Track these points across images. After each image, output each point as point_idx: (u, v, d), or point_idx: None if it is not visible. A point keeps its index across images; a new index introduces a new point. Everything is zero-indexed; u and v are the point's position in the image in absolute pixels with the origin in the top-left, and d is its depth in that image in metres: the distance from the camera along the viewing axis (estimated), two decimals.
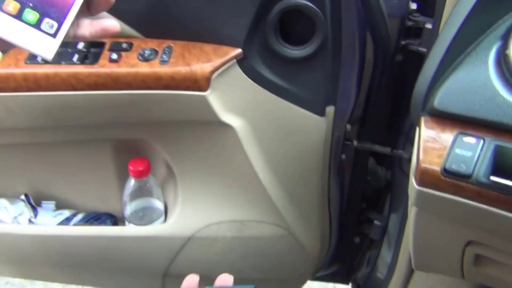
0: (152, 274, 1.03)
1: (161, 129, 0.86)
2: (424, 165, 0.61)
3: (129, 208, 0.98)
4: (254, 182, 0.90)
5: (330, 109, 0.86)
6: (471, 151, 0.58)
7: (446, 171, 0.59)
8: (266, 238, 0.95)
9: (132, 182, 0.95)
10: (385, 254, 1.11)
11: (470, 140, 0.59)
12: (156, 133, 0.87)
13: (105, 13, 0.47)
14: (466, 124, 0.61)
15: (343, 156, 0.96)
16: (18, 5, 0.43)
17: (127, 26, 0.79)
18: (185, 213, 0.96)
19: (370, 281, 1.15)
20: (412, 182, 0.65)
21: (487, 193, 0.57)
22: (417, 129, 0.65)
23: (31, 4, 0.43)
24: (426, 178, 0.61)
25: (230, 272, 1.00)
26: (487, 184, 0.57)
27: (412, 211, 0.71)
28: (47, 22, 0.44)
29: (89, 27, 0.46)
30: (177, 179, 0.95)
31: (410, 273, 1.01)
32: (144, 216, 0.99)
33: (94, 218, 1.03)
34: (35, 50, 0.44)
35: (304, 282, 1.10)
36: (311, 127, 0.86)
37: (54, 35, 0.44)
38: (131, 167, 0.92)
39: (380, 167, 1.10)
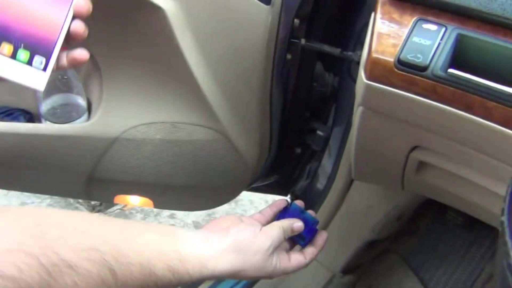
0: (74, 177, 0.94)
1: None
2: (376, 55, 0.54)
3: (45, 104, 0.87)
4: (188, 78, 0.80)
5: None
6: (431, 40, 0.51)
7: (400, 62, 0.52)
8: (200, 142, 0.87)
9: None
10: (326, 165, 1.07)
11: (430, 27, 0.52)
12: None
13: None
14: (428, 9, 0.53)
15: (289, 56, 0.87)
16: (12, 47, 0.49)
17: None
18: (110, 112, 0.85)
19: (309, 192, 1.12)
20: (361, 76, 0.57)
21: (442, 89, 0.51)
22: (373, 14, 0.57)
23: (22, 45, 0.50)
24: (377, 70, 0.54)
25: (159, 177, 0.94)
26: (443, 78, 0.50)
27: (357, 113, 0.65)
28: (37, 59, 0.50)
29: (66, 58, 0.53)
30: (100, 72, 0.83)
31: (349, 183, 0.98)
32: (63, 114, 0.88)
33: (5, 113, 0.91)
34: (28, 84, 0.50)
35: (239, 191, 1.05)
36: (254, 16, 0.75)
37: (44, 69, 0.51)
38: None
39: (328, 74, 1.03)
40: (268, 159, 1.02)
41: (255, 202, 1.72)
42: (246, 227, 0.64)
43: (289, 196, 1.22)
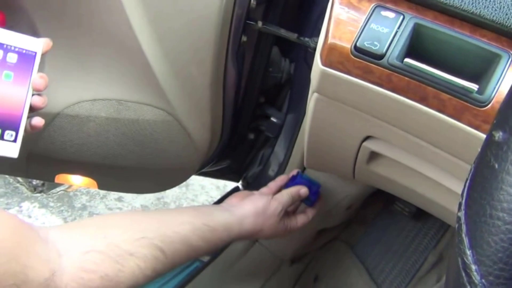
0: None
1: None
2: (333, 40, 0.52)
3: None
4: (136, 54, 0.75)
5: None
6: (388, 28, 0.50)
7: (356, 49, 0.51)
8: (147, 122, 0.83)
9: None
10: (279, 153, 1.06)
11: (388, 14, 0.50)
12: None
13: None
14: None
15: (244, 38, 0.84)
16: None
17: None
18: (52, 86, 0.79)
19: (261, 179, 1.10)
20: (317, 61, 0.55)
21: (398, 79, 0.50)
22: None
23: None
24: (333, 56, 0.52)
25: (103, 157, 0.89)
26: (399, 67, 0.49)
27: (311, 100, 0.63)
28: (8, 133, 0.60)
29: (28, 125, 0.61)
30: None
31: (301, 172, 0.97)
32: None
33: None
34: (2, 154, 0.60)
35: (189, 175, 1.02)
36: None
37: (14, 141, 0.60)
38: None
39: (284, 59, 1.01)
40: (220, 143, 0.99)
41: (206, 187, 1.69)
42: (260, 196, 0.80)
43: (240, 182, 1.20)
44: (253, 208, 0.76)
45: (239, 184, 1.21)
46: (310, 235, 1.03)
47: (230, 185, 1.37)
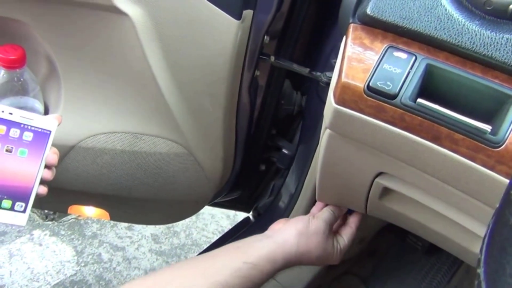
0: None
1: (40, 8, 0.69)
2: (346, 79, 0.53)
3: None
4: (152, 89, 0.77)
5: (247, 13, 0.75)
6: (401, 68, 0.51)
7: (369, 89, 0.51)
8: (161, 155, 0.84)
9: (1, 73, 0.78)
10: (290, 184, 1.06)
11: (400, 55, 0.51)
12: (34, 13, 0.70)
13: None
14: (398, 36, 0.53)
15: (257, 72, 0.85)
16: None
17: None
18: (69, 118, 0.81)
19: (272, 210, 1.10)
20: (330, 100, 0.56)
21: (411, 118, 0.51)
22: (344, 38, 0.56)
23: (5, 196, 0.63)
24: (346, 95, 0.53)
25: (117, 189, 0.90)
26: (412, 107, 0.50)
27: (324, 136, 0.64)
28: (18, 204, 0.63)
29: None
30: (60, 77, 0.79)
31: (312, 204, 0.96)
32: None
33: None
34: (11, 223, 0.64)
35: (201, 206, 1.02)
36: (223, 30, 0.74)
37: (23, 211, 0.64)
38: (0, 55, 0.74)
39: (296, 92, 1.02)
40: (232, 175, 1.00)
41: (216, 216, 1.69)
42: (301, 216, 0.76)
43: (251, 212, 1.20)
44: (294, 230, 0.72)
45: (250, 215, 1.21)
46: (321, 268, 1.02)
47: (241, 214, 1.37)
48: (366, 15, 0.53)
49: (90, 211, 0.98)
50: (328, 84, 0.82)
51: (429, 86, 0.51)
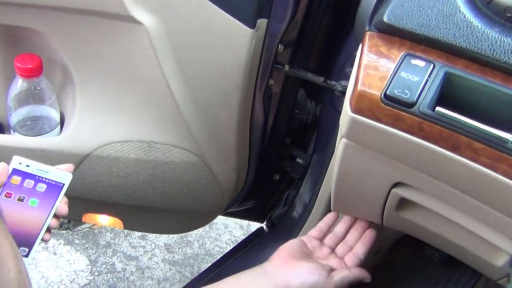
0: None
1: (57, 18, 0.70)
2: (362, 88, 0.52)
3: (16, 115, 0.83)
4: (166, 98, 0.77)
5: (262, 22, 0.75)
6: (418, 76, 0.50)
7: (387, 97, 0.51)
8: (175, 164, 0.84)
9: (19, 82, 0.79)
10: (304, 194, 1.05)
11: (418, 63, 0.51)
12: (51, 23, 0.71)
13: None
14: (416, 44, 0.52)
15: (271, 81, 0.85)
16: None
17: None
18: (84, 127, 0.82)
19: (285, 220, 1.09)
20: (346, 108, 0.55)
21: (429, 127, 0.50)
22: (360, 46, 0.56)
23: None
24: (363, 103, 0.52)
25: (131, 198, 0.90)
26: (431, 116, 0.49)
27: (340, 145, 0.63)
28: (22, 249, 0.65)
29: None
30: (76, 86, 0.80)
31: (326, 214, 0.95)
32: (33, 126, 0.84)
33: None
34: None
35: (214, 216, 1.02)
36: (237, 39, 0.74)
37: (26, 256, 0.65)
38: (18, 64, 0.76)
39: (310, 102, 1.02)
40: (245, 184, 0.99)
41: (230, 226, 1.68)
42: (314, 267, 0.67)
43: (265, 223, 1.19)
44: (299, 283, 0.65)
45: (264, 225, 1.20)
46: None
47: (254, 224, 1.36)
48: (383, 22, 0.52)
49: (104, 220, 0.98)
50: (343, 93, 0.82)
51: (448, 95, 0.50)
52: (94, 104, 0.81)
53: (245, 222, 1.69)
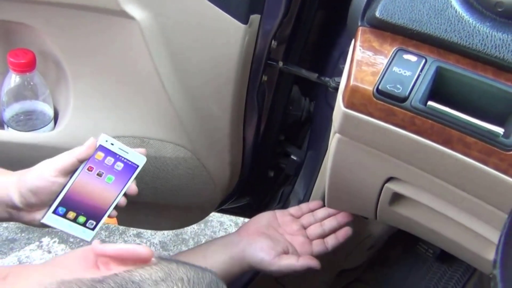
0: None
1: (50, 13, 0.70)
2: (355, 82, 0.52)
3: (9, 110, 0.82)
4: (159, 93, 0.77)
5: (255, 18, 0.74)
6: (410, 71, 0.50)
7: (379, 92, 0.51)
8: (168, 159, 0.84)
9: (12, 77, 0.78)
10: (299, 191, 1.05)
11: (410, 58, 0.51)
12: (44, 18, 0.71)
13: None
14: (408, 39, 0.52)
15: (265, 77, 0.85)
16: (74, 214, 0.69)
17: None
18: (77, 122, 0.82)
19: None
20: (339, 103, 0.56)
21: (421, 122, 0.50)
22: (353, 42, 0.56)
23: (82, 213, 0.69)
24: (355, 98, 0.53)
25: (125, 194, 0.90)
26: (422, 110, 0.49)
27: (333, 140, 0.63)
28: (90, 222, 0.70)
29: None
30: (69, 81, 0.80)
31: None
32: (27, 121, 0.83)
33: None
34: (79, 236, 0.71)
35: (208, 212, 1.02)
36: (230, 35, 0.73)
37: (93, 229, 0.71)
38: (11, 59, 0.75)
39: (304, 98, 1.02)
40: (240, 180, 0.99)
41: (225, 224, 1.68)
42: (263, 248, 0.74)
43: None
44: (250, 256, 0.74)
45: None
46: (330, 276, 1.01)
47: None
48: (375, 18, 0.53)
49: None
50: (336, 89, 0.82)
51: (440, 89, 0.50)
52: (87, 99, 0.81)
53: (240, 220, 1.69)
